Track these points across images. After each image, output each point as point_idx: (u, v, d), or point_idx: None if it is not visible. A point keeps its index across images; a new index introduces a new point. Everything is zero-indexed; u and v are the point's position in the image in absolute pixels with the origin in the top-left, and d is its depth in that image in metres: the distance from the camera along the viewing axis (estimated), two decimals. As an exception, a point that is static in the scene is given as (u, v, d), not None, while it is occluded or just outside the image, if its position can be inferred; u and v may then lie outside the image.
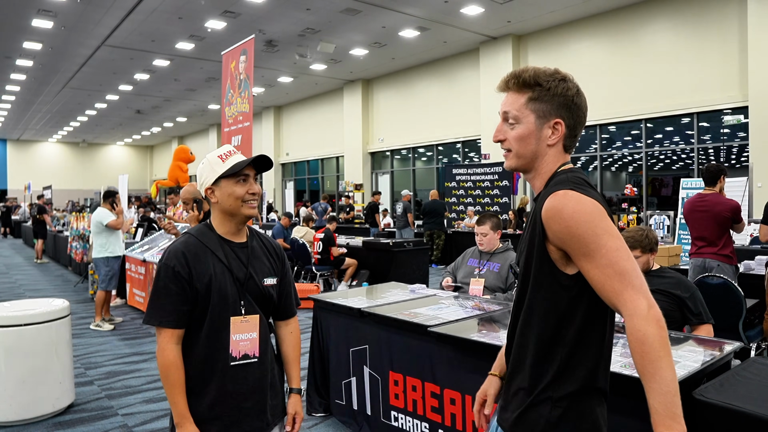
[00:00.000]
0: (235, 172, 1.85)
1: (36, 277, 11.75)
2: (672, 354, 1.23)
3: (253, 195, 1.88)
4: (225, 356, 1.82)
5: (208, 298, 1.80)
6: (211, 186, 1.87)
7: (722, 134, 11.68)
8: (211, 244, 1.86)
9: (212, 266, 1.82)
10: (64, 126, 30.48)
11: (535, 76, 1.43)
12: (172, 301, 1.78)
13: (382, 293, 4.14)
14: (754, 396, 1.91)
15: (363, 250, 9.09)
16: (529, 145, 1.45)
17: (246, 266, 1.89)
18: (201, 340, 1.81)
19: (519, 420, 1.41)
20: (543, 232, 1.36)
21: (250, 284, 1.88)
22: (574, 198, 1.31)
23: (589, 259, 1.29)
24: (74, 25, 13.80)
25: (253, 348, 1.87)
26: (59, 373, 4.06)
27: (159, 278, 1.81)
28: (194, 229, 1.92)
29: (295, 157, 24.34)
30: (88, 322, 7.20)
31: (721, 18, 11.11)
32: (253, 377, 1.86)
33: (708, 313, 3.18)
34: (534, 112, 1.43)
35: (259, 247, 1.98)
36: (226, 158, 1.88)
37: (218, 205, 1.88)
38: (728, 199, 5.00)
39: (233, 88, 7.14)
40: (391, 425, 3.33)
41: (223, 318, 1.82)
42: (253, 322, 1.87)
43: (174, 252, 1.82)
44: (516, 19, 13.51)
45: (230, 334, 1.82)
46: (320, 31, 14.28)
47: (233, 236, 1.92)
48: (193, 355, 1.81)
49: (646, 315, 1.23)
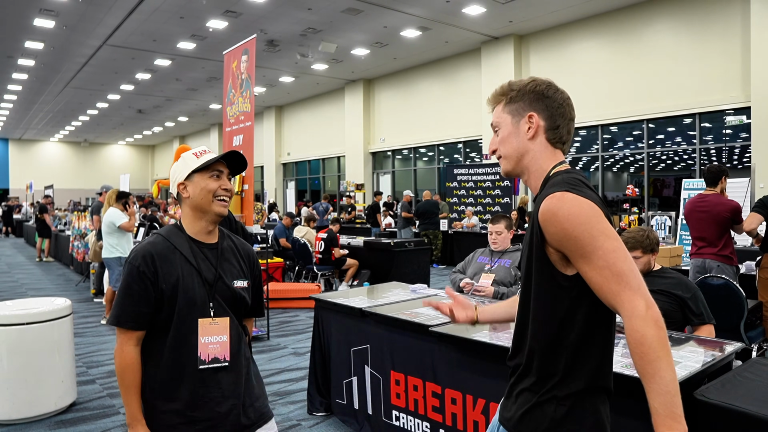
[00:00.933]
0: (207, 166, 1.83)
1: (38, 276, 11.77)
2: (672, 354, 1.23)
3: (225, 191, 1.85)
4: (194, 359, 1.77)
5: (174, 300, 1.75)
6: (183, 181, 1.85)
7: (724, 135, 11.67)
8: (179, 244, 1.82)
9: (179, 267, 1.78)
10: (65, 125, 30.51)
11: (509, 85, 1.54)
12: (133, 302, 1.75)
13: (383, 293, 4.15)
14: (755, 396, 1.91)
15: (364, 249, 9.10)
16: (511, 144, 1.51)
17: (215, 267, 1.84)
18: (169, 342, 1.76)
19: (523, 418, 1.42)
20: (541, 234, 1.37)
21: (219, 286, 1.83)
22: (569, 200, 1.32)
23: (586, 261, 1.30)
24: (76, 25, 13.82)
25: (224, 351, 1.81)
26: (61, 372, 4.07)
27: (124, 278, 1.78)
28: (164, 229, 1.88)
29: (297, 156, 24.36)
30: (90, 322, 7.21)
31: (724, 18, 11.09)
32: (226, 381, 1.81)
33: (709, 314, 3.18)
34: (509, 114, 1.52)
35: (229, 248, 1.94)
36: (201, 155, 1.87)
37: (189, 200, 1.84)
38: (729, 199, 5.00)
39: (235, 87, 7.15)
40: (392, 424, 3.33)
41: (192, 320, 1.77)
42: (222, 324, 1.82)
43: (140, 251, 1.78)
44: (518, 19, 13.51)
45: (199, 336, 1.77)
46: (321, 30, 14.29)
47: (203, 236, 1.88)
48: (163, 358, 1.77)
49: (644, 316, 1.23)
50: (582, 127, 13.95)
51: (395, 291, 4.21)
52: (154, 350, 1.78)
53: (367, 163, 20.25)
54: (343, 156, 21.46)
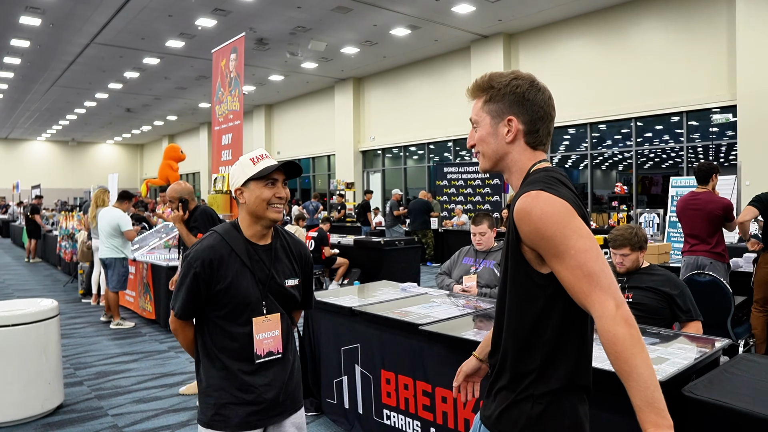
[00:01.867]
0: (264, 175, 1.91)
1: (25, 276, 11.66)
2: (647, 350, 1.22)
3: (279, 199, 1.94)
4: (249, 353, 1.91)
5: (228, 299, 1.89)
6: (240, 187, 1.94)
7: (711, 133, 11.77)
8: (236, 245, 1.93)
9: (235, 269, 1.90)
10: (52, 124, 30.22)
11: (489, 80, 1.50)
12: (188, 298, 1.90)
13: (373, 292, 4.14)
14: (742, 393, 1.92)
15: (354, 248, 9.08)
16: (489, 145, 1.50)
17: (269, 268, 1.96)
18: (226, 335, 1.91)
19: (501, 416, 1.43)
20: (516, 233, 1.37)
21: (271, 285, 1.96)
22: (542, 199, 1.32)
23: (559, 260, 1.30)
24: (63, 23, 13.69)
25: (277, 345, 1.97)
26: (48, 374, 4.03)
27: (183, 274, 1.91)
28: (222, 228, 1.98)
29: (287, 155, 24.27)
30: (78, 323, 7.15)
31: (710, 18, 11.18)
32: (275, 371, 1.96)
33: (697, 311, 3.21)
34: (489, 114, 1.49)
35: (282, 248, 2.04)
36: (258, 161, 1.94)
37: (245, 206, 1.94)
38: (721, 197, 5.03)
39: (223, 86, 7.11)
40: (383, 423, 3.33)
41: (246, 317, 1.91)
42: (274, 320, 1.96)
43: (200, 255, 1.89)
44: (507, 18, 13.54)
45: (254, 334, 1.91)
46: (311, 29, 14.24)
47: (258, 239, 1.98)
48: (219, 350, 1.92)
49: (614, 315, 1.22)
50: (571, 126, 14.01)
51: (385, 290, 4.20)
52: (212, 342, 1.93)
53: (357, 162, 20.23)
54: (333, 155, 21.42)
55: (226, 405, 1.90)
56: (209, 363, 1.94)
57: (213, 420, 1.90)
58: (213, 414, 1.91)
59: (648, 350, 1.24)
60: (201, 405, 1.95)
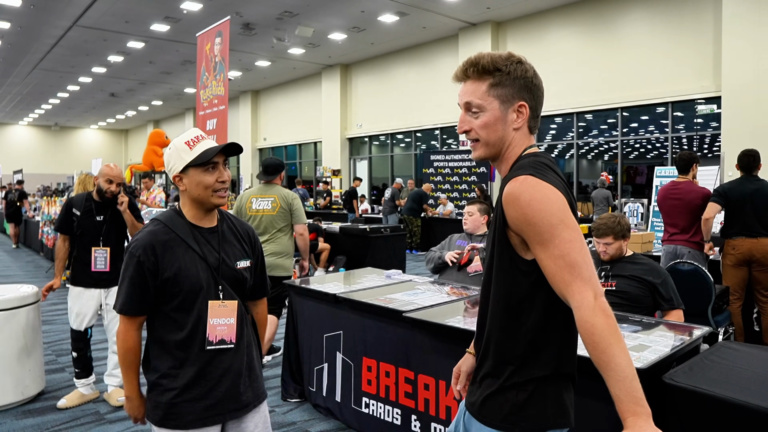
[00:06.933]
0: (203, 161, 1.81)
1: (6, 262, 11.51)
2: (624, 341, 1.23)
3: (222, 183, 1.85)
4: (201, 340, 1.83)
5: (178, 286, 1.80)
6: (179, 174, 1.84)
7: (696, 124, 11.85)
8: (180, 231, 1.85)
9: (182, 254, 1.82)
10: (35, 108, 29.74)
11: (493, 62, 1.41)
12: (133, 291, 1.80)
13: (358, 279, 4.13)
14: (721, 380, 1.94)
15: (340, 235, 9.06)
16: (497, 132, 1.43)
17: (218, 251, 1.88)
18: (176, 326, 1.83)
19: (485, 403, 1.42)
20: (503, 217, 1.36)
21: (223, 269, 1.87)
22: (532, 184, 1.30)
23: (543, 248, 1.29)
24: (44, 4, 13.41)
25: (230, 334, 1.88)
26: (28, 361, 3.98)
27: (125, 266, 1.82)
28: (163, 215, 1.90)
29: (273, 142, 24.13)
30: (59, 309, 7.08)
31: (697, 9, 11.23)
32: (228, 362, 1.87)
33: (679, 299, 3.24)
34: (497, 98, 1.41)
35: (229, 230, 1.97)
36: (194, 144, 1.83)
37: (187, 193, 1.86)
38: (701, 187, 5.07)
39: (208, 70, 7.02)
40: (361, 412, 3.32)
41: (198, 304, 1.82)
42: (231, 307, 1.87)
43: (141, 241, 1.81)
44: (495, 6, 13.49)
45: (208, 318, 1.83)
46: (298, 14, 14.10)
47: (203, 221, 1.90)
48: (169, 341, 1.83)
49: (592, 306, 1.23)
50: (557, 115, 14.05)
51: (370, 277, 4.19)
52: (161, 333, 1.85)
53: (344, 149, 20.15)
54: (319, 141, 21.31)
55: (179, 401, 1.81)
56: (158, 357, 1.84)
57: (166, 418, 1.82)
58: (165, 413, 1.82)
59: (630, 338, 1.24)
60: (151, 402, 1.86)
